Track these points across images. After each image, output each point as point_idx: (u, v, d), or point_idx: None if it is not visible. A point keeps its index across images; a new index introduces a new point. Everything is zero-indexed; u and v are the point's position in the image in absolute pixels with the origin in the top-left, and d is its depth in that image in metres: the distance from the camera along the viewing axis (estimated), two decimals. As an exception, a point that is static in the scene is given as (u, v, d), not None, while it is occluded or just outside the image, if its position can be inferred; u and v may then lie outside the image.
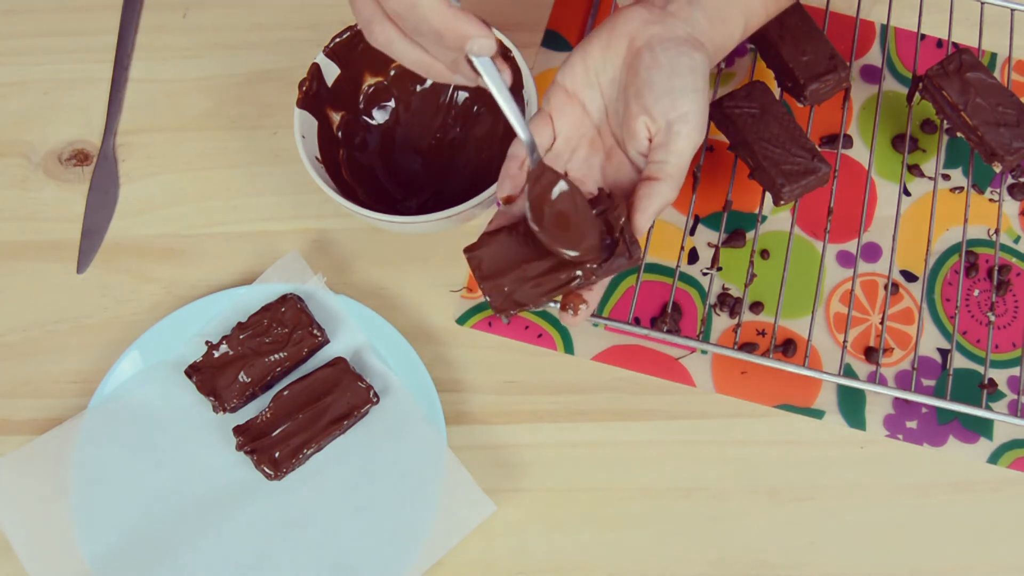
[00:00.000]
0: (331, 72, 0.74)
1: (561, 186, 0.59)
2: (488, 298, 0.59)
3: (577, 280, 0.58)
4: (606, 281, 0.61)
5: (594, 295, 0.60)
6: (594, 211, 0.59)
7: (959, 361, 0.73)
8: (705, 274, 0.75)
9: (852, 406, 0.72)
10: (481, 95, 0.77)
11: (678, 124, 0.58)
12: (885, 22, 0.82)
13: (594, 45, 0.61)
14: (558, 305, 0.65)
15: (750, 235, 0.75)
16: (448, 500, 0.67)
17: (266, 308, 0.71)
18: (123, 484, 0.69)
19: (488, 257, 0.59)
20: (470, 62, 0.56)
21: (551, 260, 0.58)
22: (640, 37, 0.60)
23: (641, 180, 0.59)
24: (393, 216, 0.68)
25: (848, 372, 0.72)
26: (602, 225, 0.59)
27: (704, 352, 0.73)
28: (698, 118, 0.59)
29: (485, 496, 0.67)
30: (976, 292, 0.74)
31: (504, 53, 0.73)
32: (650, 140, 0.60)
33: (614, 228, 0.58)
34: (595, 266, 0.58)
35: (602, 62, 0.61)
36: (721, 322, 0.74)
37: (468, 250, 0.60)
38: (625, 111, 0.60)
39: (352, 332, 0.72)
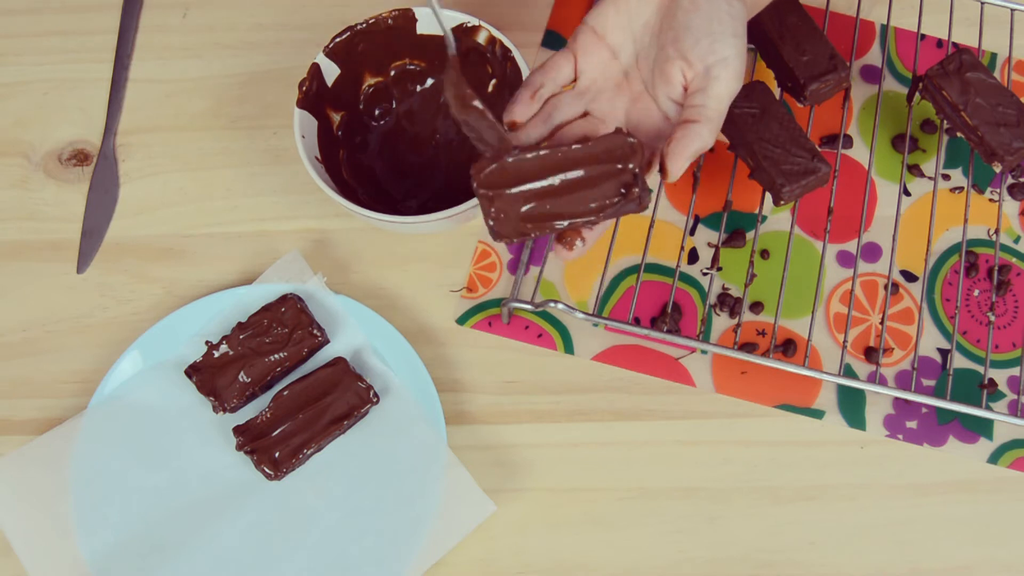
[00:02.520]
0: (331, 72, 0.74)
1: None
2: (490, 221, 0.57)
3: (588, 220, 0.57)
4: (608, 223, 0.60)
5: (593, 234, 0.60)
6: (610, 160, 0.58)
7: (959, 361, 0.73)
8: (705, 274, 0.75)
9: (852, 406, 0.72)
10: (481, 96, 0.77)
11: (717, 68, 0.58)
12: (885, 22, 0.82)
13: None
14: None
15: (750, 235, 0.75)
16: (448, 500, 0.67)
17: (266, 308, 0.71)
18: (123, 484, 0.69)
19: (496, 171, 0.58)
20: None
21: (565, 188, 0.57)
22: None
23: (679, 124, 0.58)
24: (393, 216, 0.68)
25: (848, 372, 0.72)
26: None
27: (704, 352, 0.73)
28: (737, 63, 0.58)
29: (485, 496, 0.67)
30: (976, 292, 0.74)
31: (504, 53, 0.73)
32: (685, 88, 0.59)
33: (629, 173, 0.57)
34: (608, 203, 0.57)
35: (637, 5, 0.61)
36: (721, 322, 0.74)
37: (476, 167, 0.58)
38: (659, 55, 0.60)
39: (352, 332, 0.72)
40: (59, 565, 0.67)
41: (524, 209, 0.58)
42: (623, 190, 0.57)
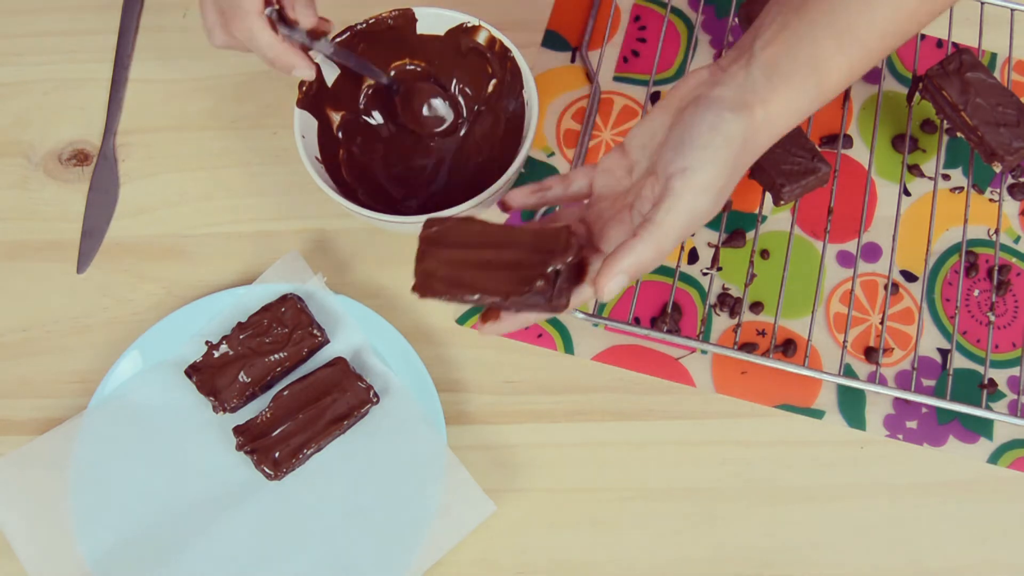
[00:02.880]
0: (331, 72, 0.74)
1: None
2: (414, 275, 0.56)
3: (495, 300, 0.54)
4: (530, 317, 0.58)
5: (508, 323, 0.58)
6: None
7: (959, 361, 0.73)
8: (705, 274, 0.75)
9: (852, 406, 0.72)
10: (481, 96, 0.77)
11: (674, 179, 0.54)
12: (885, 22, 0.82)
13: (657, 107, 0.59)
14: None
15: (750, 235, 0.75)
16: (448, 500, 0.67)
17: (266, 308, 0.71)
18: (123, 484, 0.69)
19: (442, 231, 0.57)
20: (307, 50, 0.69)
21: (491, 265, 0.55)
22: (687, 98, 0.57)
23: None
24: (393, 216, 0.68)
25: (848, 372, 0.72)
26: None
27: (704, 352, 0.73)
28: (701, 176, 0.54)
29: (485, 496, 0.67)
30: (976, 292, 0.74)
31: (504, 53, 0.73)
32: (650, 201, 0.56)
33: (552, 271, 0.54)
34: (520, 293, 0.54)
35: (659, 124, 0.58)
36: (721, 322, 0.74)
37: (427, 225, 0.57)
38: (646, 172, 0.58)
39: (352, 332, 0.72)
40: (59, 565, 0.67)
41: (447, 272, 0.56)
42: (539, 283, 0.54)
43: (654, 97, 0.80)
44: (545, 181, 0.61)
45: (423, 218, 0.67)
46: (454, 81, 0.77)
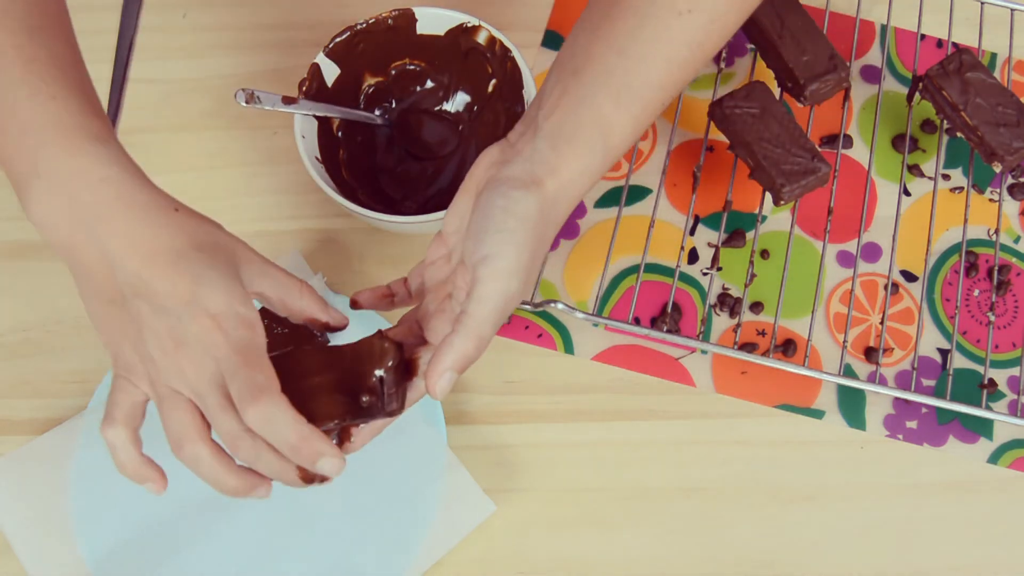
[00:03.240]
0: (331, 72, 0.74)
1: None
2: None
3: (331, 425, 0.54)
4: (376, 427, 0.57)
5: (361, 437, 0.57)
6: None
7: (959, 361, 0.73)
8: (705, 274, 0.75)
9: (852, 406, 0.72)
10: (481, 96, 0.77)
11: (480, 267, 0.53)
12: (885, 22, 0.82)
13: (461, 190, 0.58)
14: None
15: (750, 235, 0.75)
16: (448, 500, 0.67)
17: (266, 308, 0.71)
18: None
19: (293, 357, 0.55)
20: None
21: (321, 390, 0.54)
22: (482, 181, 0.57)
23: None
24: (393, 216, 0.68)
25: (848, 372, 0.72)
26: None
27: (704, 352, 0.73)
28: (503, 262, 0.53)
29: (485, 496, 0.67)
30: (976, 292, 0.74)
31: (504, 53, 0.73)
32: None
33: (377, 379, 0.54)
34: (354, 409, 0.54)
35: (464, 208, 0.57)
36: (721, 322, 0.74)
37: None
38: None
39: (352, 332, 0.71)
40: (59, 565, 0.67)
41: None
42: (364, 399, 0.54)
43: (654, 97, 0.80)
44: (391, 285, 0.62)
45: (423, 218, 0.68)
46: (454, 81, 0.77)
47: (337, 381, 0.55)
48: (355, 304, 0.62)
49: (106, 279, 0.52)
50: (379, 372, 0.54)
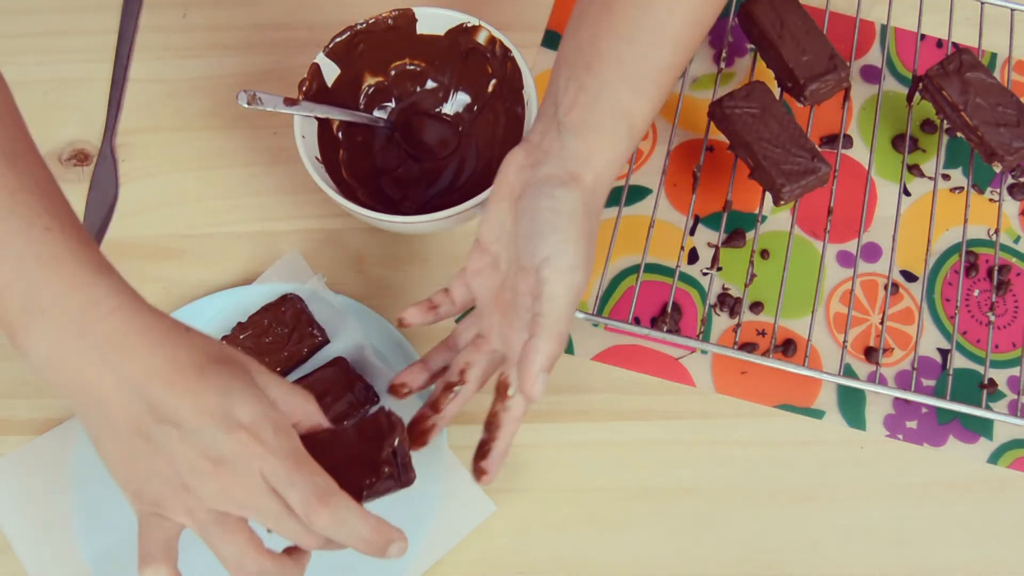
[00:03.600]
0: (331, 72, 0.74)
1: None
2: None
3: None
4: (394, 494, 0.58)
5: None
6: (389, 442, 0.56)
7: (959, 361, 0.73)
8: (705, 274, 0.75)
9: (852, 406, 0.72)
10: (481, 96, 0.77)
11: (544, 269, 0.55)
12: (885, 22, 0.82)
13: (492, 199, 0.59)
14: None
15: (750, 235, 0.75)
16: (448, 500, 0.67)
17: (266, 308, 0.71)
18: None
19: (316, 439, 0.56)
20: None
21: (332, 469, 0.54)
22: (517, 186, 0.58)
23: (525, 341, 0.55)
24: (393, 216, 0.68)
25: (848, 372, 0.72)
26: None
27: (704, 352, 0.73)
28: (564, 259, 0.55)
29: (485, 496, 0.67)
30: (976, 292, 0.74)
31: (504, 53, 0.73)
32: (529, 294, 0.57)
33: (388, 453, 0.56)
34: (370, 483, 0.55)
35: (503, 215, 0.59)
36: (721, 322, 0.74)
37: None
38: (516, 268, 0.58)
39: (352, 332, 0.72)
40: (59, 566, 0.67)
41: None
42: (386, 469, 0.55)
43: (654, 97, 0.80)
44: (433, 298, 0.63)
45: (423, 218, 0.68)
46: (454, 81, 0.77)
47: (348, 458, 0.55)
48: (403, 323, 0.63)
49: (125, 411, 0.50)
50: (393, 443, 0.56)
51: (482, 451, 0.61)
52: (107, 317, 0.50)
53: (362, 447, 0.56)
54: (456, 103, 0.78)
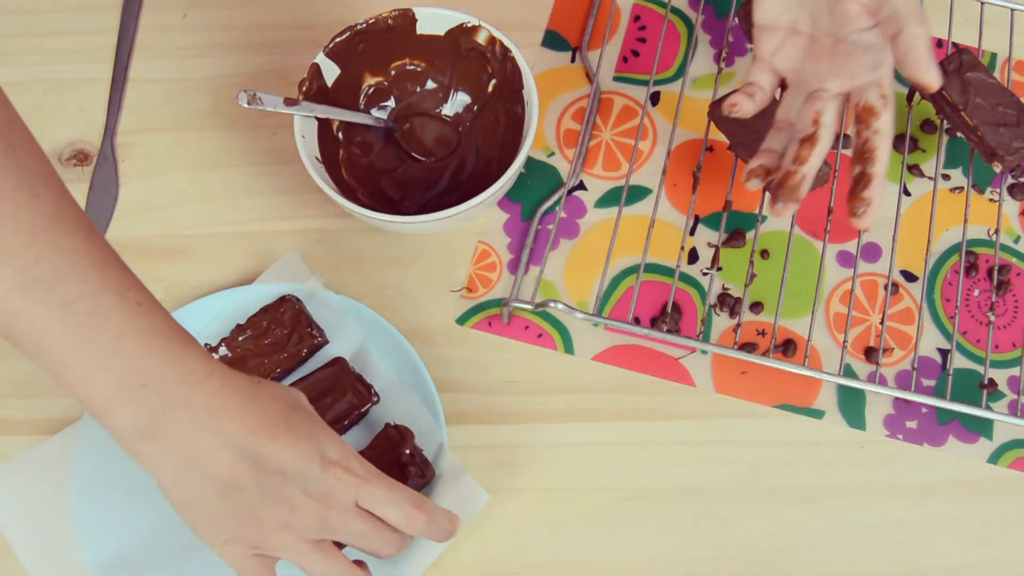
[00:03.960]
0: (331, 72, 0.74)
1: None
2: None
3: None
4: None
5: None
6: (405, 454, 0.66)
7: (959, 361, 0.73)
8: (705, 274, 0.75)
9: (852, 406, 0.72)
10: (481, 96, 0.77)
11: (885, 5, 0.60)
12: (885, 22, 0.82)
13: None
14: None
15: (750, 235, 0.75)
16: (448, 500, 0.67)
17: (265, 309, 0.71)
18: (125, 488, 0.68)
19: None
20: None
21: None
22: None
23: (891, 43, 0.60)
24: (393, 216, 0.68)
25: (848, 372, 0.72)
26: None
27: (704, 352, 0.73)
28: None
29: (485, 495, 0.67)
30: (976, 292, 0.74)
31: (504, 53, 0.73)
32: (866, 12, 0.61)
33: (407, 456, 0.65)
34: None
35: None
36: (721, 322, 0.74)
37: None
38: (828, 3, 0.62)
39: (352, 332, 0.72)
40: (61, 569, 0.66)
41: None
42: (411, 469, 0.65)
43: (654, 97, 0.80)
44: (747, 88, 0.66)
45: (424, 218, 0.68)
46: (454, 81, 0.77)
47: (383, 470, 0.60)
48: (732, 108, 0.66)
49: (228, 469, 0.54)
50: (410, 448, 0.66)
51: (863, 181, 0.62)
52: (201, 384, 0.54)
53: (382, 459, 0.63)
54: (456, 103, 0.78)
